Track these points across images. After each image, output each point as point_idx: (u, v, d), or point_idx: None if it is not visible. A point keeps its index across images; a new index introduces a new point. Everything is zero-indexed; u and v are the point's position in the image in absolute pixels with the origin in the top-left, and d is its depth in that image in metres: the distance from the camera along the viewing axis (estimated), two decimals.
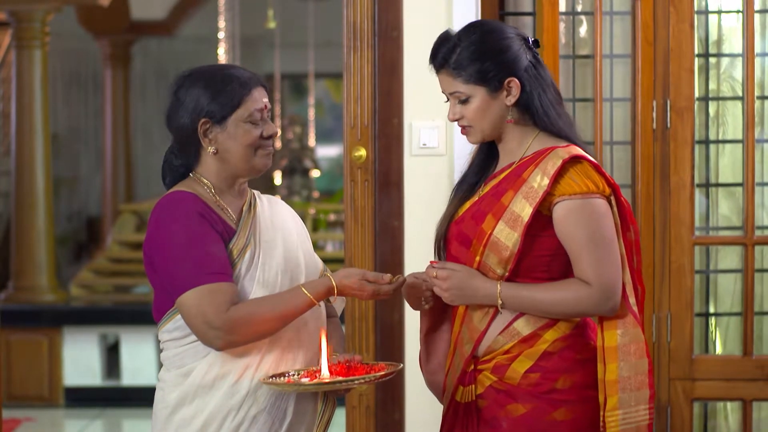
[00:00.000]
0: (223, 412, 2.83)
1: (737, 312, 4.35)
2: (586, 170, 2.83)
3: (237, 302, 2.77)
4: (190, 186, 2.91)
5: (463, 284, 2.86)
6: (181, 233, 2.79)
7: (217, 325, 2.74)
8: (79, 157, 12.48)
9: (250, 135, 2.87)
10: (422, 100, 4.22)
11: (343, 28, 4.26)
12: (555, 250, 2.86)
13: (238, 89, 2.86)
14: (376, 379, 2.81)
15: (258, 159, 2.90)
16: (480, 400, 2.90)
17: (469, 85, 2.88)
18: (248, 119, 2.87)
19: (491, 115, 2.89)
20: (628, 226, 2.89)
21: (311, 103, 12.15)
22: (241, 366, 2.83)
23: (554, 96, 2.92)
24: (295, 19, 11.77)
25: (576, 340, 2.88)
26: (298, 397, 2.89)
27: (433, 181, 4.23)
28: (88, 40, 11.48)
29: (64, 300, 8.42)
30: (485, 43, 2.87)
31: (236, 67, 2.94)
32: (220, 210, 2.90)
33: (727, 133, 4.38)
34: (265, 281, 2.86)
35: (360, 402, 4.26)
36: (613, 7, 4.30)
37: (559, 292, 2.83)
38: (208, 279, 2.75)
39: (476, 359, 2.91)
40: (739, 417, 4.31)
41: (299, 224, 3.05)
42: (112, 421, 7.95)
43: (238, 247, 2.86)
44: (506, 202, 2.85)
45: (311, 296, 2.81)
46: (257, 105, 2.88)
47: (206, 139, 2.88)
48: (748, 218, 4.21)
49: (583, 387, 2.87)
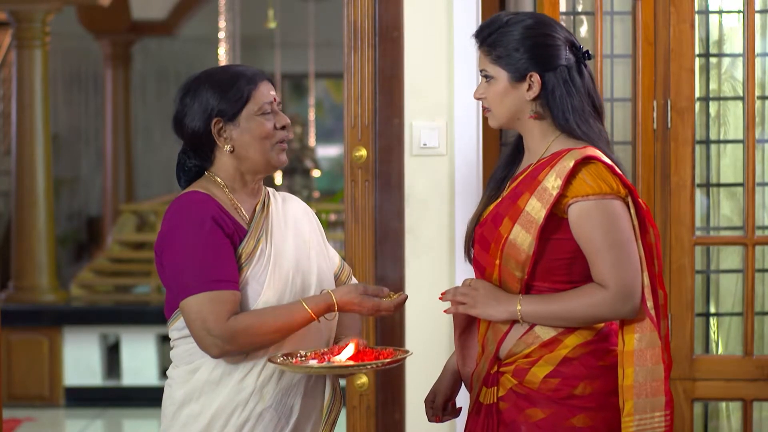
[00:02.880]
0: (230, 408, 2.84)
1: (738, 312, 4.35)
2: (599, 171, 2.82)
3: (238, 312, 2.80)
4: (205, 186, 2.93)
5: (484, 302, 2.86)
6: (191, 237, 2.81)
7: (215, 334, 2.77)
8: (79, 157, 12.49)
9: (263, 127, 2.90)
10: (423, 100, 4.22)
11: (344, 28, 4.26)
12: (574, 253, 2.83)
13: (245, 85, 2.89)
14: (385, 365, 2.81)
15: (274, 154, 2.92)
16: (501, 402, 2.89)
17: (495, 66, 2.88)
18: (259, 112, 2.90)
19: (509, 103, 2.89)
20: (647, 228, 2.86)
21: (311, 103, 12.16)
22: (248, 363, 2.85)
23: (582, 105, 2.88)
24: (295, 19, 11.77)
25: (598, 346, 2.86)
26: (305, 394, 2.90)
27: (434, 182, 4.23)
28: (89, 40, 11.49)
29: (65, 300, 8.42)
30: (526, 31, 2.88)
31: (239, 65, 2.98)
32: (234, 210, 2.91)
33: (728, 133, 4.38)
34: (276, 282, 2.87)
35: (360, 402, 4.26)
36: (614, 7, 4.30)
37: (575, 299, 2.81)
38: (211, 286, 2.78)
39: (499, 361, 2.91)
40: (740, 417, 4.31)
41: (313, 222, 3.06)
42: (112, 421, 7.95)
43: (248, 249, 2.87)
44: (522, 205, 2.84)
45: (311, 311, 2.82)
46: (266, 98, 2.91)
47: (221, 138, 2.90)
48: (749, 218, 4.21)
49: (603, 394, 2.85)
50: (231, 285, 2.80)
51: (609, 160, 2.86)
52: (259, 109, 2.90)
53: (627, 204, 2.84)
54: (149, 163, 12.77)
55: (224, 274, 2.80)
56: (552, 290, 2.86)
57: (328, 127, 14.64)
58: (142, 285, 8.65)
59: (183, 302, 2.80)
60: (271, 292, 2.86)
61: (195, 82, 2.93)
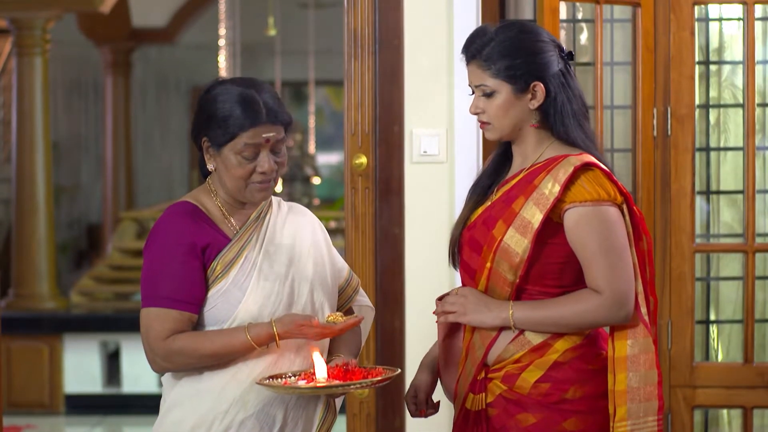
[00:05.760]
0: (211, 416, 2.84)
1: (738, 319, 4.35)
2: (598, 178, 2.82)
3: (182, 330, 2.81)
4: (197, 196, 2.93)
5: (475, 309, 2.86)
6: (160, 250, 2.84)
7: (154, 350, 2.82)
8: (79, 165, 12.49)
9: (238, 169, 2.84)
10: (423, 107, 4.23)
11: (344, 36, 4.26)
12: (566, 258, 2.84)
13: (237, 122, 2.82)
14: (373, 384, 2.80)
15: (248, 193, 2.87)
16: (490, 408, 2.88)
17: (496, 80, 2.87)
18: (241, 152, 2.84)
19: (512, 114, 2.89)
20: (641, 235, 2.87)
21: (312, 110, 12.17)
22: (231, 371, 2.85)
23: (579, 108, 2.90)
24: (295, 27, 11.78)
25: (587, 350, 2.86)
26: (290, 405, 2.89)
27: (434, 189, 4.23)
28: (89, 48, 11.49)
29: (65, 307, 8.42)
30: (520, 41, 2.87)
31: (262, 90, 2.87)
32: (223, 220, 2.91)
33: (728, 141, 4.38)
34: (259, 290, 2.86)
35: (361, 409, 4.26)
36: (614, 15, 4.30)
37: (570, 305, 2.82)
38: (160, 303, 2.81)
39: (487, 367, 2.91)
40: (740, 424, 4.31)
41: (318, 234, 3.02)
42: (112, 428, 7.94)
43: (226, 260, 2.86)
44: (517, 209, 2.84)
45: (252, 340, 2.81)
46: (255, 140, 2.83)
47: (207, 156, 2.89)
48: (749, 226, 4.21)
49: (593, 397, 2.85)
50: (183, 305, 2.81)
51: (605, 166, 2.87)
52: (240, 151, 2.83)
53: (622, 211, 2.85)
54: (149, 171, 12.77)
55: (179, 294, 2.81)
56: (543, 294, 2.86)
57: (328, 134, 14.65)
58: None
59: (141, 311, 2.86)
60: (251, 300, 2.85)
61: (213, 90, 2.88)
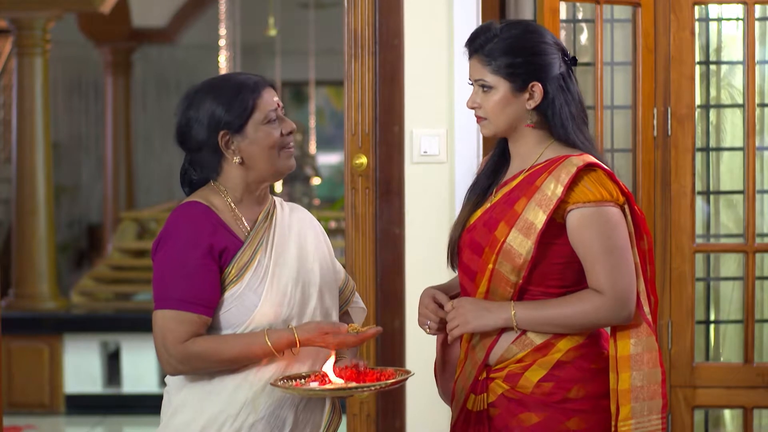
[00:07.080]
0: (221, 418, 2.83)
1: (738, 320, 4.35)
2: (600, 178, 2.83)
3: (200, 334, 2.80)
4: (207, 196, 2.92)
5: (476, 315, 2.86)
6: (176, 251, 2.82)
7: (171, 353, 2.80)
8: (79, 165, 12.49)
9: (270, 137, 2.89)
10: (423, 107, 4.23)
11: (344, 36, 4.26)
12: (568, 258, 2.85)
13: (248, 95, 2.88)
14: (388, 386, 2.79)
15: (282, 161, 2.91)
16: (492, 408, 2.89)
17: (495, 76, 2.88)
18: (265, 121, 2.88)
19: (508, 112, 2.89)
20: (642, 235, 2.88)
21: (312, 110, 12.17)
22: (242, 374, 2.84)
23: (577, 113, 2.92)
24: (295, 27, 11.78)
25: (590, 349, 2.87)
26: (300, 407, 2.88)
27: (434, 189, 4.23)
28: (89, 48, 11.50)
29: (65, 307, 8.41)
30: (523, 41, 2.88)
31: (240, 74, 2.95)
32: (234, 221, 2.90)
33: (728, 141, 4.38)
34: (274, 293, 2.86)
35: (361, 410, 4.26)
36: (614, 15, 4.30)
37: (573, 305, 2.82)
38: (179, 305, 2.79)
39: (488, 367, 2.91)
40: (740, 424, 4.31)
41: (319, 235, 3.03)
42: (112, 428, 7.94)
43: (241, 263, 2.85)
44: (519, 210, 2.84)
45: (272, 346, 2.81)
46: (270, 106, 2.89)
47: (230, 150, 2.89)
48: (749, 226, 4.21)
49: (596, 397, 2.86)
50: (200, 308, 2.80)
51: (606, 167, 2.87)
52: (265, 118, 2.88)
53: (624, 211, 2.85)
54: (150, 171, 12.78)
55: (196, 296, 2.80)
56: (545, 295, 2.87)
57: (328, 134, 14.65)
58: (143, 292, 8.64)
59: (154, 313, 2.84)
60: (268, 304, 2.85)
61: (197, 93, 2.90)
